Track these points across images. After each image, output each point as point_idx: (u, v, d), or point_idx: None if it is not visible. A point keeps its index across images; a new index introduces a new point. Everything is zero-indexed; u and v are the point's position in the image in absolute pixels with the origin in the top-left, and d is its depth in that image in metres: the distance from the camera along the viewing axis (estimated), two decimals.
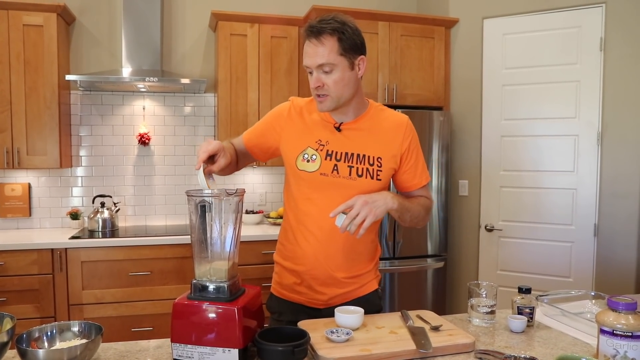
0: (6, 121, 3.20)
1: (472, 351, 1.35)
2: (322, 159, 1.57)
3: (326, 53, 1.48)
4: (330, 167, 1.57)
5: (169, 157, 3.80)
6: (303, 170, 1.58)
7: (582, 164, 3.19)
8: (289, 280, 1.68)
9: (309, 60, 1.50)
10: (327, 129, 1.61)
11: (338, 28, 1.48)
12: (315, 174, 1.57)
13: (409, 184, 1.67)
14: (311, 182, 1.58)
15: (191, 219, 1.32)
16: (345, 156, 1.57)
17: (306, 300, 1.66)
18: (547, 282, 3.25)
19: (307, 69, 1.53)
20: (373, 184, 1.57)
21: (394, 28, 3.54)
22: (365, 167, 1.57)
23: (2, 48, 3.16)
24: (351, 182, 1.56)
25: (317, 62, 1.48)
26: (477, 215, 3.58)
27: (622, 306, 1.17)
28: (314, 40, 1.49)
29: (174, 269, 3.22)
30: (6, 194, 3.50)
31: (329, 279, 1.62)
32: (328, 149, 1.58)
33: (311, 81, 1.53)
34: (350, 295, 1.65)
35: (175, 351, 1.25)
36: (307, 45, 1.51)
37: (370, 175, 1.57)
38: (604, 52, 3.10)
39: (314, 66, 1.49)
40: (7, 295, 2.97)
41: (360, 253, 1.65)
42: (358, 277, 1.66)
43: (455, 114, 3.67)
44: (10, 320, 1.27)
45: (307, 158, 1.58)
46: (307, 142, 1.60)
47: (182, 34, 3.78)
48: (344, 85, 1.52)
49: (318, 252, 1.60)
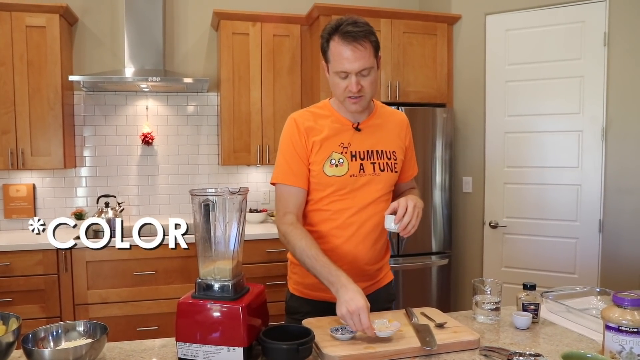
0: (10, 122, 3.21)
1: (477, 348, 1.35)
2: (348, 161, 1.61)
3: (366, 57, 1.50)
4: (357, 167, 1.62)
5: (173, 157, 3.81)
6: (333, 176, 1.59)
7: (586, 160, 3.17)
8: (312, 278, 1.60)
9: (349, 65, 1.50)
10: (346, 131, 1.63)
11: (369, 30, 1.51)
12: (345, 177, 1.60)
13: (406, 174, 1.79)
14: (341, 185, 1.60)
15: (195, 218, 1.32)
16: (367, 154, 1.64)
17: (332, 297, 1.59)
18: (551, 279, 3.24)
19: (342, 74, 1.52)
20: (393, 176, 1.68)
21: (397, 25, 3.53)
22: (384, 161, 1.66)
23: (6, 49, 3.17)
24: (376, 177, 1.63)
25: (360, 66, 1.50)
26: (481, 212, 3.57)
27: (627, 302, 1.17)
28: (356, 45, 1.48)
29: (178, 268, 3.22)
30: (11, 195, 3.51)
31: (359, 273, 1.62)
32: (352, 150, 1.62)
33: (345, 84, 1.53)
34: (375, 287, 1.72)
35: (180, 350, 1.25)
36: (342, 50, 1.49)
37: (390, 168, 1.67)
38: (608, 47, 3.08)
39: (356, 71, 1.50)
40: (13, 296, 2.99)
41: (381, 245, 1.72)
42: (381, 269, 1.75)
43: (458, 111, 3.66)
44: (16, 321, 1.28)
45: (334, 163, 1.60)
46: (330, 147, 1.61)
47: (185, 33, 3.79)
48: (376, 85, 1.60)
49: (348, 247, 1.63)
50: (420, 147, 3.44)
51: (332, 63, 1.54)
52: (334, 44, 1.51)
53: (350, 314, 1.31)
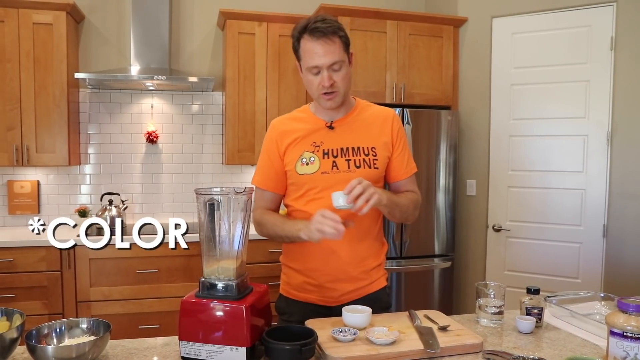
0: (16, 119, 3.22)
1: (480, 352, 1.34)
2: (320, 159, 1.62)
3: (336, 51, 1.54)
4: (330, 165, 1.61)
5: (177, 155, 3.81)
6: (304, 174, 1.62)
7: (591, 165, 3.16)
8: (298, 279, 1.69)
9: (319, 59, 1.53)
10: (319, 131, 1.65)
11: (337, 26, 1.56)
12: (316, 175, 1.61)
13: (399, 172, 1.71)
14: (314, 182, 1.61)
15: (200, 217, 1.32)
16: (341, 151, 1.63)
17: (317, 299, 1.67)
18: (555, 283, 3.23)
19: (314, 70, 1.55)
20: (371, 172, 1.63)
21: (403, 27, 3.53)
22: (361, 158, 1.63)
23: (12, 46, 3.18)
24: (351, 174, 1.60)
25: (330, 60, 1.53)
26: (484, 215, 3.57)
27: (632, 308, 1.16)
28: (325, 40, 1.53)
29: (181, 266, 3.22)
30: (15, 191, 3.52)
31: (341, 274, 1.63)
32: (324, 149, 1.63)
33: (319, 80, 1.55)
34: (361, 292, 1.67)
35: (183, 349, 1.25)
36: (313, 46, 1.54)
37: (367, 165, 1.63)
38: (615, 52, 3.07)
39: (327, 65, 1.53)
40: (16, 292, 2.99)
41: (367, 248, 1.68)
42: (368, 273, 1.68)
43: (463, 114, 3.66)
44: (20, 317, 1.28)
45: (305, 162, 1.62)
46: (302, 148, 1.64)
47: (191, 32, 3.79)
48: (348, 81, 1.61)
49: (328, 248, 1.62)
50: (424, 149, 3.43)
51: (304, 60, 1.57)
52: (304, 42, 1.56)
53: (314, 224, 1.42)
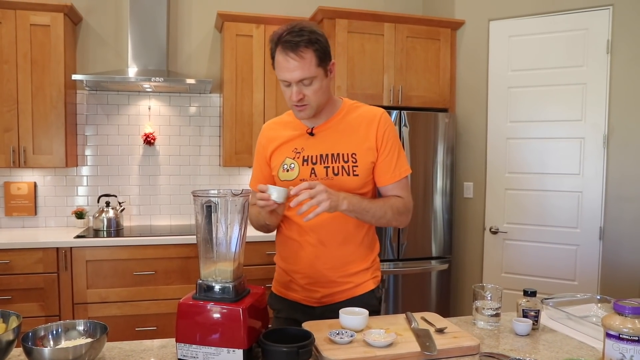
0: (13, 120, 3.22)
1: (477, 354, 1.34)
2: (299, 165, 1.62)
3: (306, 67, 1.46)
4: (308, 172, 1.61)
5: (174, 157, 3.81)
6: (285, 180, 1.63)
7: (587, 167, 3.17)
8: (286, 278, 1.74)
9: (287, 74, 1.47)
10: (301, 137, 1.65)
11: (312, 39, 1.46)
12: (295, 182, 1.61)
13: (385, 176, 1.62)
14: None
15: (197, 219, 1.32)
16: (320, 158, 1.61)
17: (301, 298, 1.70)
18: (551, 285, 3.24)
19: (284, 82, 1.51)
20: (350, 180, 1.59)
21: (400, 29, 3.54)
22: (340, 165, 1.60)
23: (10, 47, 3.18)
24: (329, 181, 1.58)
25: (299, 76, 1.47)
26: (481, 218, 3.57)
27: (628, 310, 1.16)
28: (292, 55, 1.45)
29: (178, 268, 3.22)
30: (12, 193, 3.51)
31: (321, 278, 1.65)
32: (304, 155, 1.63)
33: (289, 93, 1.52)
34: (345, 295, 1.66)
35: (179, 351, 1.25)
36: (282, 59, 1.47)
37: (346, 172, 1.59)
38: (611, 55, 3.09)
39: (295, 80, 1.48)
40: (13, 294, 2.98)
41: (351, 253, 1.66)
42: (351, 276, 1.67)
43: (460, 116, 3.66)
44: (17, 319, 1.28)
45: (286, 168, 1.64)
46: (284, 154, 1.65)
47: (188, 34, 3.79)
48: (322, 94, 1.54)
49: (310, 253, 1.65)
50: (421, 151, 3.44)
51: (276, 70, 1.52)
52: (277, 53, 1.49)
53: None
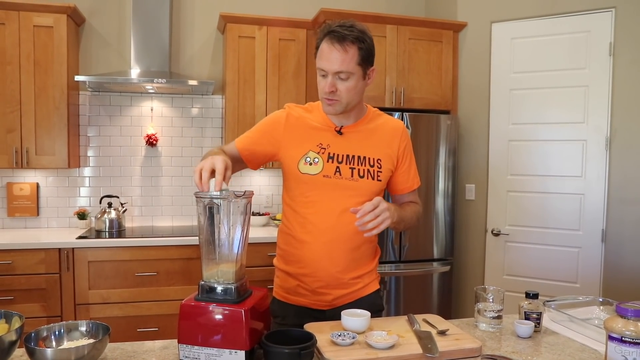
0: (15, 121, 3.22)
1: (479, 356, 1.34)
2: (324, 161, 1.60)
3: (347, 61, 1.49)
4: (333, 169, 1.59)
5: (176, 159, 3.81)
6: (306, 174, 1.60)
7: (590, 169, 3.17)
8: (292, 283, 1.68)
9: (327, 64, 1.50)
10: (327, 133, 1.63)
11: (360, 37, 1.50)
12: (318, 177, 1.59)
13: (402, 186, 1.72)
14: (314, 184, 1.59)
15: (199, 220, 1.32)
16: (347, 158, 1.61)
17: (310, 303, 1.67)
18: (553, 288, 3.23)
19: (322, 72, 1.53)
20: (374, 184, 1.62)
21: (402, 31, 3.54)
22: (366, 168, 1.61)
23: (13, 48, 3.19)
24: (353, 183, 1.59)
25: (336, 68, 1.50)
26: (483, 220, 3.57)
27: (631, 313, 1.16)
28: (337, 46, 1.48)
29: (180, 270, 3.22)
30: (15, 194, 3.52)
31: (333, 281, 1.63)
32: (330, 152, 1.61)
33: (323, 84, 1.53)
34: (354, 296, 1.67)
35: (181, 352, 1.25)
36: (326, 48, 1.50)
37: (371, 176, 1.61)
38: (613, 57, 3.08)
39: (332, 72, 1.50)
40: (15, 294, 2.99)
41: (362, 253, 1.67)
42: (361, 277, 1.68)
43: (462, 118, 3.66)
44: (19, 319, 1.28)
45: (309, 161, 1.60)
46: (308, 146, 1.61)
47: (191, 35, 3.80)
48: (355, 93, 1.55)
49: (322, 254, 1.61)
50: (423, 153, 3.44)
51: (317, 60, 1.54)
52: (323, 42, 1.52)
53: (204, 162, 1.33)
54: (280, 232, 1.74)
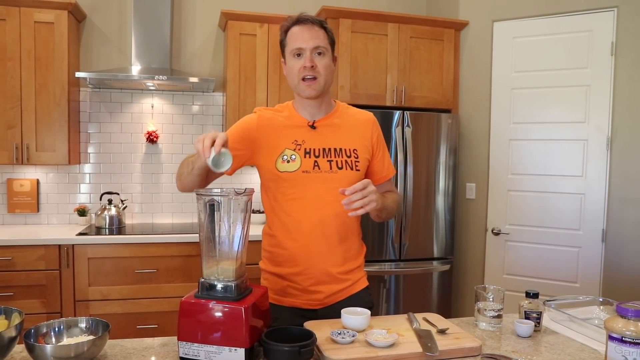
0: (16, 117, 3.22)
1: (479, 355, 1.34)
2: (301, 157, 1.61)
3: (321, 37, 1.59)
4: (311, 164, 1.61)
5: (177, 156, 3.81)
6: (285, 171, 1.61)
7: (591, 169, 3.17)
8: (281, 284, 1.69)
9: (304, 42, 1.58)
10: (301, 129, 1.65)
11: (324, 25, 1.62)
12: (297, 173, 1.60)
13: (378, 175, 1.74)
14: (294, 181, 1.61)
15: (200, 217, 1.32)
16: (323, 151, 1.63)
17: (301, 302, 1.66)
18: (553, 287, 3.23)
19: (297, 51, 1.58)
20: (353, 174, 1.64)
21: (404, 30, 3.53)
22: (343, 159, 1.63)
23: (14, 44, 3.19)
24: (333, 175, 1.61)
25: (314, 44, 1.57)
26: (484, 219, 3.57)
27: (631, 313, 1.16)
28: (311, 26, 1.59)
29: (180, 267, 3.22)
30: (15, 190, 3.52)
31: (324, 276, 1.63)
32: (305, 147, 1.62)
33: (302, 62, 1.58)
34: (345, 293, 1.68)
35: (181, 349, 1.25)
36: (298, 30, 1.58)
37: (349, 166, 1.64)
38: (615, 57, 3.08)
39: (310, 47, 1.57)
40: (14, 290, 2.99)
41: (349, 246, 1.69)
42: (350, 273, 1.69)
43: (463, 117, 3.66)
44: (19, 315, 1.28)
45: (286, 159, 1.62)
46: (283, 145, 1.63)
47: (192, 33, 3.80)
48: (330, 72, 1.63)
49: (310, 250, 1.62)
50: (424, 152, 3.44)
51: (288, 45, 1.61)
52: (291, 30, 1.61)
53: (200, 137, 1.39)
54: (265, 234, 1.76)
